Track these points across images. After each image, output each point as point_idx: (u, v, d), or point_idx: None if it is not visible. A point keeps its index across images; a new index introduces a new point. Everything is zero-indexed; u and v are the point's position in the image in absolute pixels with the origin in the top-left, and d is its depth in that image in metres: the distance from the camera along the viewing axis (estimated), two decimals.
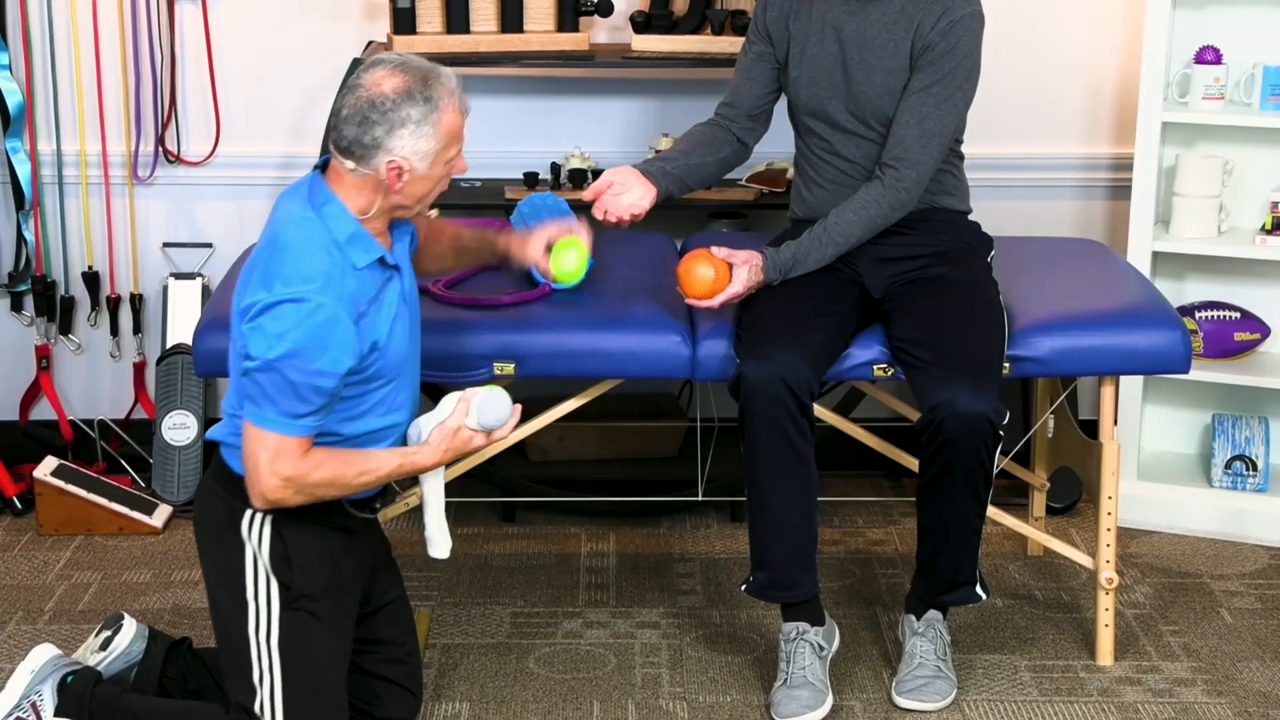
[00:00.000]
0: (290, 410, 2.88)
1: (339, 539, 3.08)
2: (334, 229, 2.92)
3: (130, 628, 3.30)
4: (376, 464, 3.00)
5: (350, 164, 2.92)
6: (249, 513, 3.01)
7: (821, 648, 3.49)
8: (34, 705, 3.14)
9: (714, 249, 3.50)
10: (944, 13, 3.45)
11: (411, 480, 3.24)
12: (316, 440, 2.96)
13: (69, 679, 3.17)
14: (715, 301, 3.46)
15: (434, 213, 3.47)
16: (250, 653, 3.02)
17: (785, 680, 3.45)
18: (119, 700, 3.13)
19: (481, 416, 3.09)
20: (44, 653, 3.22)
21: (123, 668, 3.27)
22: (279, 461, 2.90)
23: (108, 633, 3.29)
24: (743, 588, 3.54)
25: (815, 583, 3.49)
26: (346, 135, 2.90)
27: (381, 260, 2.98)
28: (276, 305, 2.85)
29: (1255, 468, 4.29)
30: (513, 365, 3.48)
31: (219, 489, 3.06)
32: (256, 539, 3.01)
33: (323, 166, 3.00)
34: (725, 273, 3.44)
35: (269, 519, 3.01)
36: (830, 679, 3.48)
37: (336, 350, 2.87)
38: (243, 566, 3.02)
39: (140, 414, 4.55)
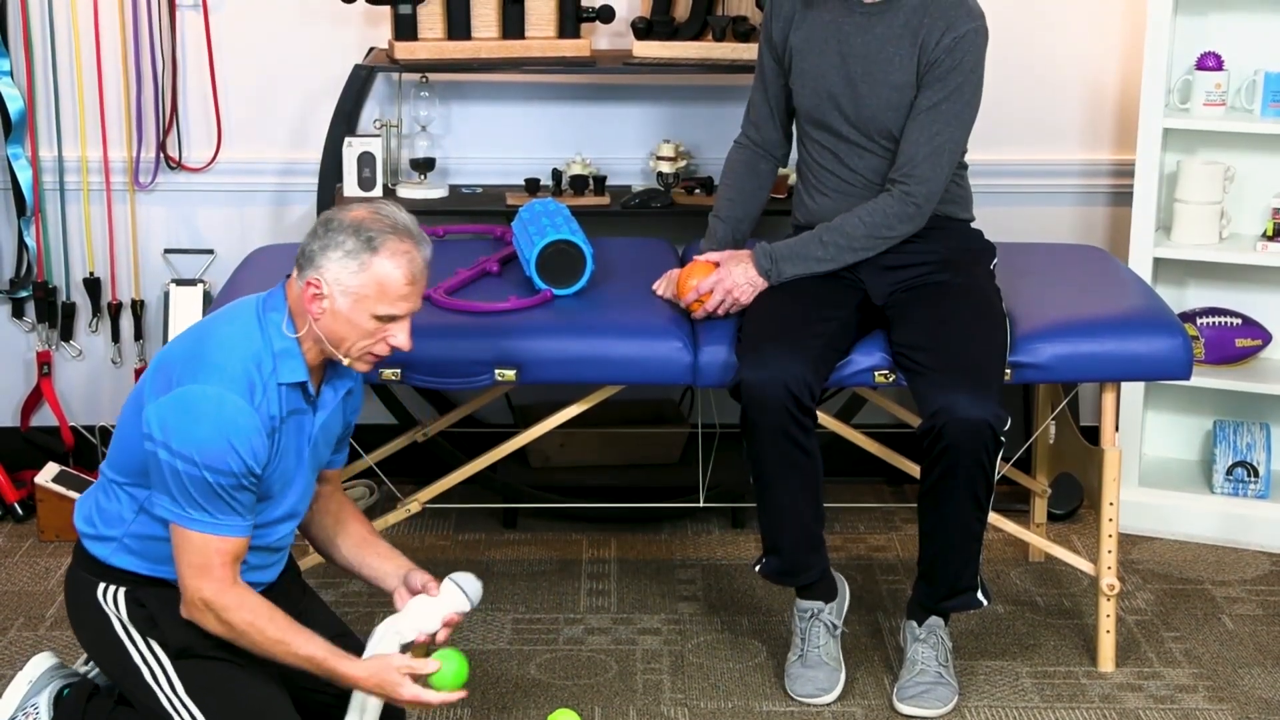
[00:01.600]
0: (213, 509, 2.82)
1: None
2: (272, 337, 2.89)
3: None
4: (301, 643, 2.88)
5: (295, 271, 2.92)
6: (101, 585, 2.98)
7: (835, 626, 3.55)
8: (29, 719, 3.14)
9: (708, 255, 3.54)
10: (948, 28, 3.45)
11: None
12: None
13: (65, 692, 3.16)
14: (708, 295, 3.50)
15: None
16: (169, 711, 2.95)
17: (801, 656, 3.52)
18: (112, 714, 3.11)
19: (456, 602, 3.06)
20: (42, 662, 3.19)
21: (108, 681, 3.25)
22: (204, 579, 2.83)
23: None
24: (755, 568, 3.58)
25: (825, 557, 3.54)
26: (303, 242, 2.91)
27: (304, 387, 2.93)
28: (202, 395, 2.81)
29: (1256, 474, 4.29)
30: (514, 371, 3.47)
31: (76, 567, 3.03)
32: (113, 607, 2.97)
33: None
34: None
35: (122, 588, 2.97)
36: (841, 650, 3.57)
37: (247, 454, 2.82)
38: (116, 635, 2.97)
39: None
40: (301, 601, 3.22)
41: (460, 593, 3.05)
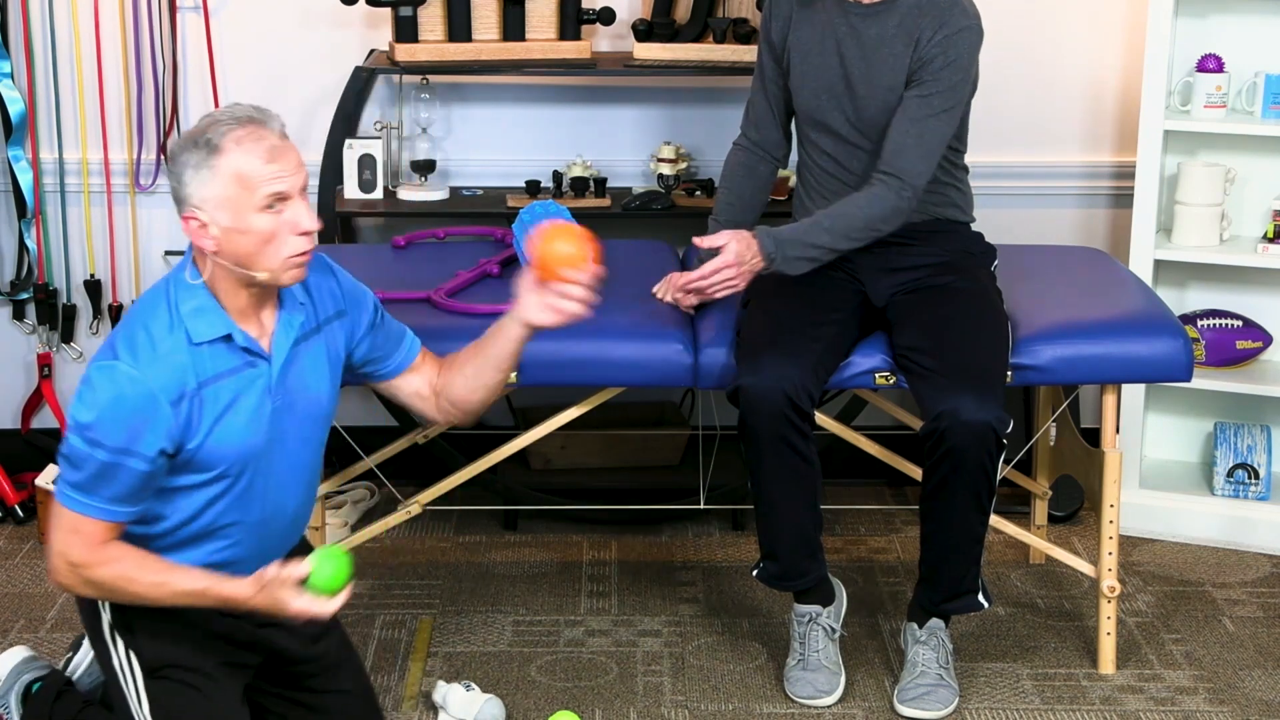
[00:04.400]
0: (92, 490, 2.71)
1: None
2: (179, 298, 2.76)
3: (88, 650, 3.17)
4: (180, 579, 2.76)
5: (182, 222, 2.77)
6: None
7: (833, 629, 3.56)
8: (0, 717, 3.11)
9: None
10: (941, 25, 3.45)
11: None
12: (139, 530, 2.80)
13: (35, 687, 3.12)
14: (706, 274, 3.46)
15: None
16: None
17: (801, 661, 3.53)
18: (80, 714, 3.07)
19: None
20: (10, 658, 3.17)
21: (90, 683, 3.20)
22: (70, 543, 2.73)
23: (70, 653, 3.24)
24: (754, 573, 3.58)
25: (823, 563, 3.54)
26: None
27: (229, 339, 2.78)
28: (98, 369, 2.72)
29: (1257, 476, 4.29)
30: (515, 373, 3.47)
31: None
32: (102, 604, 2.89)
33: None
34: (585, 249, 2.92)
35: None
36: (840, 652, 3.58)
37: (145, 429, 2.69)
38: (103, 635, 2.90)
39: None
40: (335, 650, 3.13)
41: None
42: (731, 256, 3.44)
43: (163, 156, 4.40)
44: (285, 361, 2.85)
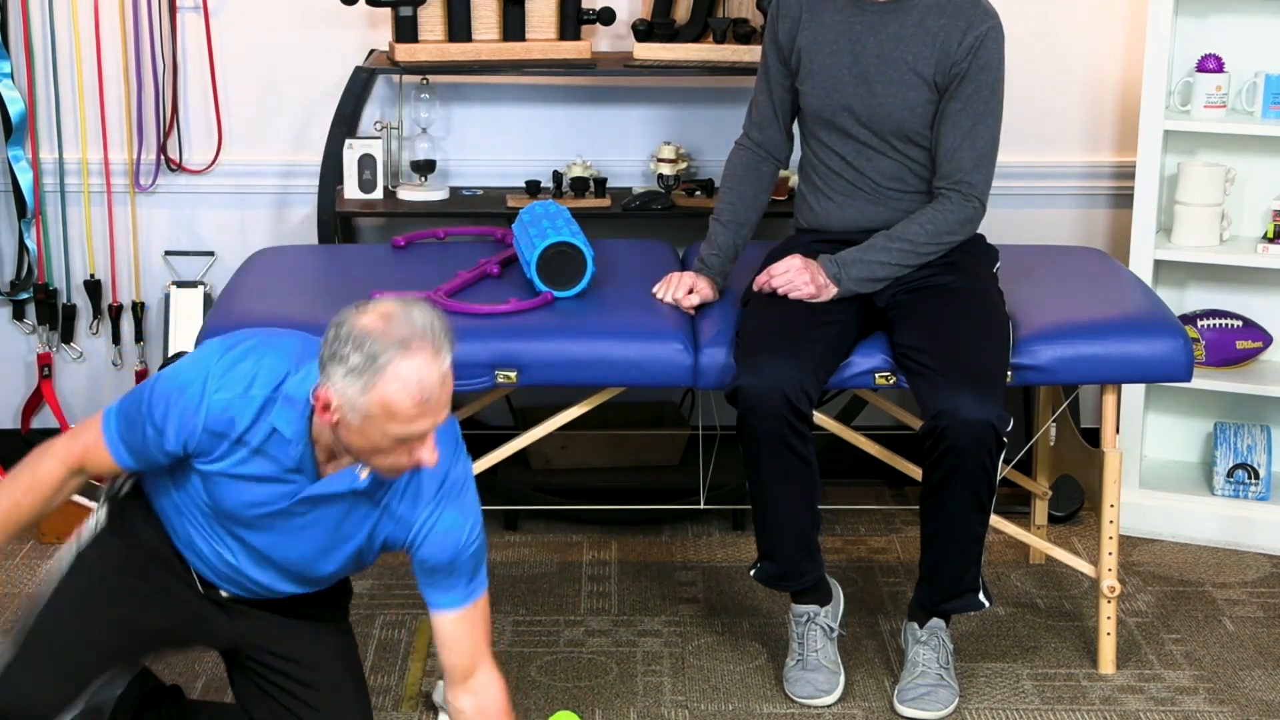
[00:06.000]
0: (120, 414, 2.84)
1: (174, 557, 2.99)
2: (292, 381, 2.73)
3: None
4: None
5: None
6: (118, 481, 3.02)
7: (831, 629, 3.56)
8: None
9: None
10: (968, 29, 3.46)
11: None
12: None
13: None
14: (774, 272, 3.51)
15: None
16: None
17: (800, 661, 3.53)
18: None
19: None
20: None
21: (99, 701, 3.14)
22: (74, 431, 2.90)
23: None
24: (751, 573, 3.58)
25: (821, 563, 3.54)
26: (323, 338, 2.68)
27: (287, 448, 2.75)
28: (206, 356, 2.77)
29: (1257, 476, 4.29)
30: (515, 373, 3.48)
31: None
32: (114, 491, 3.02)
33: None
34: None
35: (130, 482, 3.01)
36: (839, 652, 3.58)
37: (175, 426, 2.75)
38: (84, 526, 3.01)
39: None
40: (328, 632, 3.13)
41: None
42: (798, 261, 3.50)
43: (163, 157, 4.40)
44: (324, 494, 2.80)
